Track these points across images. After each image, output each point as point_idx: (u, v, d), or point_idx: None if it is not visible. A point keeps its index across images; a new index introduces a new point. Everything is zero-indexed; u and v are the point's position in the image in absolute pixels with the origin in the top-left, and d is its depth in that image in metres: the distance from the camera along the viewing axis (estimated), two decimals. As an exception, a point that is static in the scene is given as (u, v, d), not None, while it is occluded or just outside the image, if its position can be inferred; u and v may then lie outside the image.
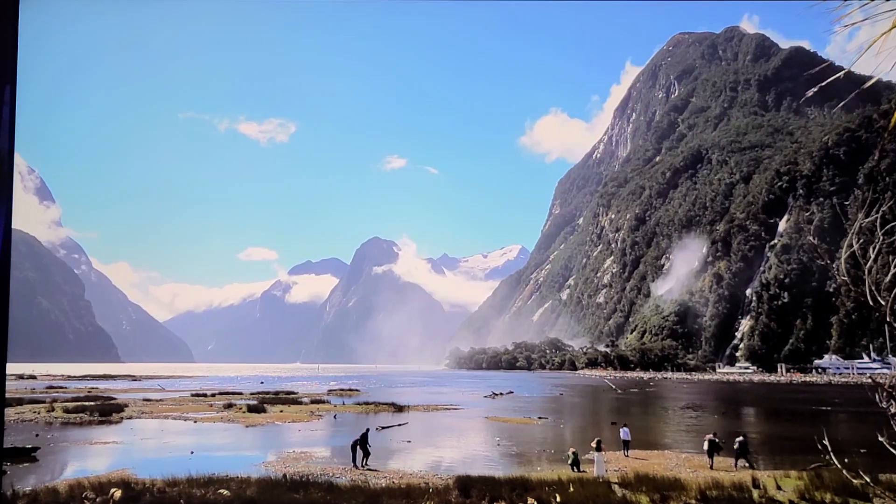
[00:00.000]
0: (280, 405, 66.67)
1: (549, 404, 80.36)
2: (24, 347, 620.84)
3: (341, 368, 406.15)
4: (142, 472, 26.45)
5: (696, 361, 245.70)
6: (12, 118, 4.03)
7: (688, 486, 22.92)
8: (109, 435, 43.07)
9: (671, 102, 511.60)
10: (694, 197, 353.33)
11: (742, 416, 67.85)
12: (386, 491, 22.59)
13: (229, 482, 23.07)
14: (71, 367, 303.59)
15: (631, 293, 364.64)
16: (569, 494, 21.44)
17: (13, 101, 4.00)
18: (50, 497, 20.69)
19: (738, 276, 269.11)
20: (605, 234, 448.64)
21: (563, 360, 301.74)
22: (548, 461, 32.28)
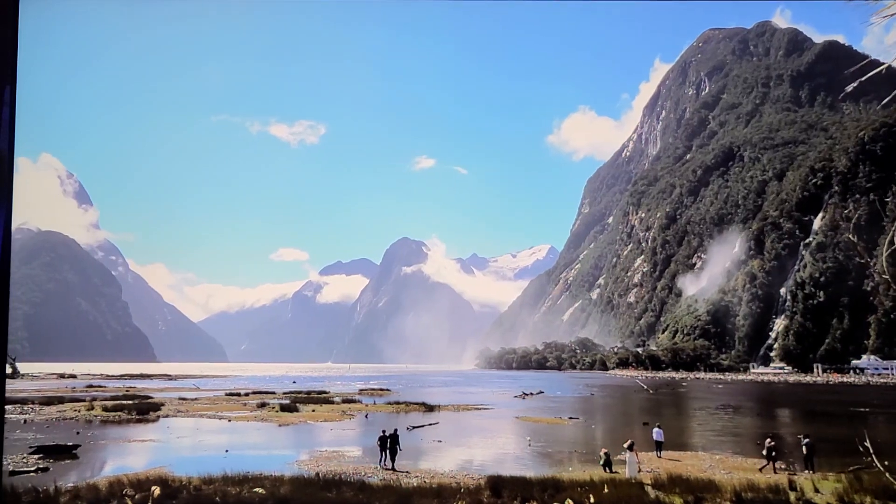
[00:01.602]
0: (312, 404, 67.29)
1: (579, 404, 79.93)
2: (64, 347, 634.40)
3: (372, 368, 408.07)
4: (178, 469, 26.95)
5: (730, 361, 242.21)
6: (12, 118, 4.04)
7: (722, 487, 22.64)
8: (146, 433, 43.90)
9: (702, 99, 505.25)
10: (726, 195, 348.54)
11: (777, 417, 66.82)
12: (417, 490, 22.71)
13: (263, 480, 23.39)
14: (109, 367, 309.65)
15: (662, 292, 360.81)
16: (602, 495, 21.32)
17: (13, 101, 4.02)
18: (91, 494, 21.13)
19: (771, 275, 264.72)
20: (635, 232, 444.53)
21: (594, 360, 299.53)
22: (579, 462, 32.15)
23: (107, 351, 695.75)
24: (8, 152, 4.03)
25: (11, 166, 4.07)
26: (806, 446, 28.68)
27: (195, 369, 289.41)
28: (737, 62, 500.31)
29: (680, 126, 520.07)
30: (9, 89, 3.99)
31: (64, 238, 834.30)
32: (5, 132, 3.98)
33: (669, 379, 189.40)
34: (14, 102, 4.04)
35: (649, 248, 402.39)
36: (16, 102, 4.07)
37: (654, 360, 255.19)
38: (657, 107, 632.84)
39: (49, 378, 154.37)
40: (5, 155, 4.00)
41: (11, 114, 4.02)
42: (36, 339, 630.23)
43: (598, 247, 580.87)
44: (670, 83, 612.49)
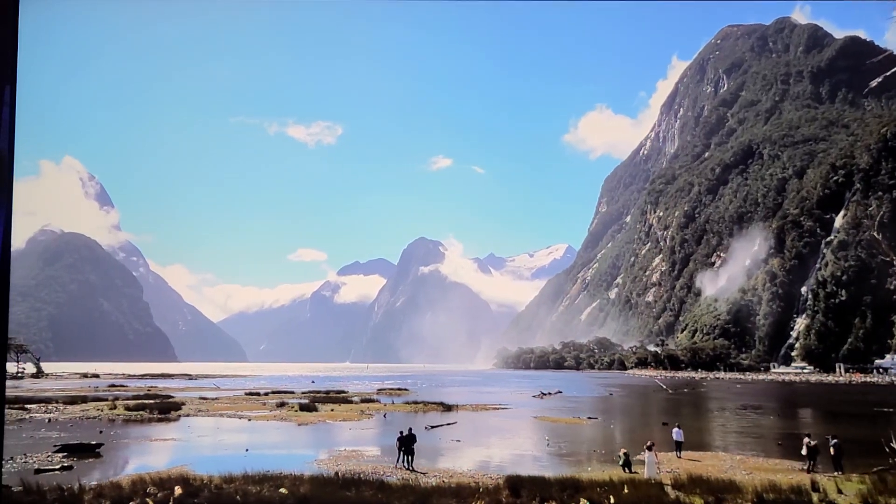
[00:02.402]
0: (331, 404, 67.71)
1: (598, 404, 79.72)
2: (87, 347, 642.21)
3: (390, 368, 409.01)
4: (199, 468, 27.22)
5: (750, 361, 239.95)
6: (12, 118, 4.04)
7: (743, 488, 22.47)
8: (168, 432, 44.41)
9: (720, 97, 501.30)
10: (745, 193, 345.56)
11: (800, 417, 66.22)
12: (436, 490, 22.77)
13: (283, 479, 23.56)
14: (131, 367, 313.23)
15: (681, 292, 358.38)
16: (622, 496, 21.24)
17: (13, 101, 4.03)
18: (114, 492, 21.37)
19: (792, 274, 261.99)
20: (653, 231, 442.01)
21: (612, 359, 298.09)
22: (598, 462, 32.08)
23: (128, 351, 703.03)
24: (8, 152, 4.04)
25: (11, 166, 4.07)
26: (834, 447, 28.37)
27: (215, 369, 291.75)
28: (756, 59, 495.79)
29: (698, 124, 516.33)
30: (9, 89, 3.99)
31: (86, 240, 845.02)
32: (5, 132, 3.99)
33: (689, 379, 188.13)
34: (14, 102, 4.05)
35: (668, 247, 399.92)
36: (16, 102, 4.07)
37: (672, 359, 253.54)
38: (675, 105, 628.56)
39: (72, 378, 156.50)
40: (5, 155, 4.01)
41: (11, 114, 4.03)
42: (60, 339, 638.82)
43: (616, 246, 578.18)
44: (688, 81, 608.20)
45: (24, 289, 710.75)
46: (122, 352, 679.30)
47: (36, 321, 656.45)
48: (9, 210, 3.97)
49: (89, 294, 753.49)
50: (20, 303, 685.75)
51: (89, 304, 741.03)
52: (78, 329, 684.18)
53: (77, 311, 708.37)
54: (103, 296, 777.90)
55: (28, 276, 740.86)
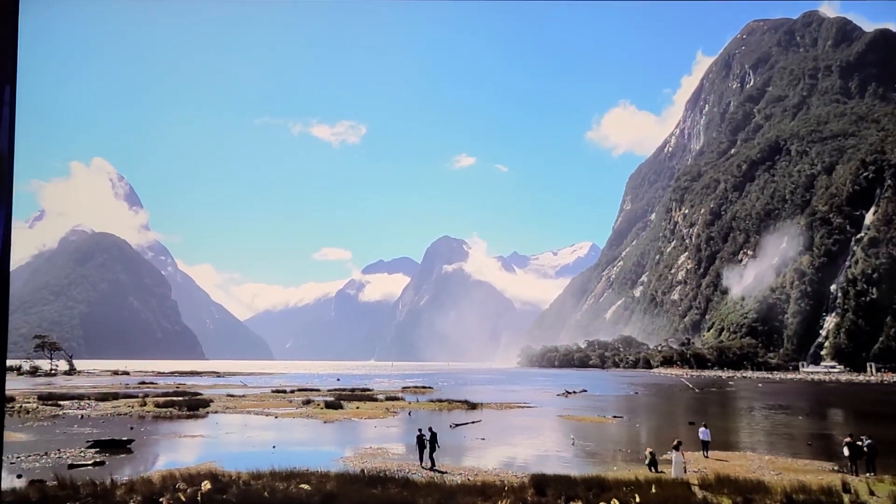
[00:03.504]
0: (356, 402, 68.07)
1: (623, 403, 79.30)
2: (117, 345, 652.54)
3: (414, 366, 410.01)
4: (227, 464, 27.61)
5: (778, 360, 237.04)
6: (12, 118, 4.04)
7: (772, 489, 22.21)
8: (196, 429, 45.05)
9: (746, 92, 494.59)
10: (772, 190, 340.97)
11: (830, 417, 65.35)
12: (461, 488, 22.85)
13: (310, 476, 23.77)
14: (160, 364, 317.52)
15: (707, 290, 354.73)
16: (648, 495, 21.15)
17: (13, 101, 4.02)
18: (145, 487, 21.73)
19: (821, 272, 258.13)
20: (678, 229, 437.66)
21: (638, 358, 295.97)
22: (624, 461, 31.96)
23: (157, 349, 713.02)
24: (8, 152, 4.04)
25: (11, 166, 4.10)
26: (868, 448, 28.00)
27: (242, 367, 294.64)
28: (782, 54, 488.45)
29: (724, 120, 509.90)
30: (9, 89, 3.97)
31: (116, 239, 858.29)
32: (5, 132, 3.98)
33: (716, 378, 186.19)
34: (14, 102, 4.03)
35: (693, 244, 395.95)
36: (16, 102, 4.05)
37: (699, 358, 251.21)
38: (700, 101, 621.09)
39: (104, 375, 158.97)
40: (5, 155, 4.01)
41: (11, 114, 4.02)
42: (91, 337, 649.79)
43: (641, 244, 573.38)
44: (713, 76, 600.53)
45: (57, 288, 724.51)
46: (151, 349, 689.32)
47: (68, 319, 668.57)
48: (9, 210, 4.04)
49: (119, 293, 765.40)
50: (53, 301, 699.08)
51: (119, 302, 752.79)
52: (108, 327, 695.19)
53: (107, 310, 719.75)
54: (133, 294, 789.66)
55: (60, 275, 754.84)
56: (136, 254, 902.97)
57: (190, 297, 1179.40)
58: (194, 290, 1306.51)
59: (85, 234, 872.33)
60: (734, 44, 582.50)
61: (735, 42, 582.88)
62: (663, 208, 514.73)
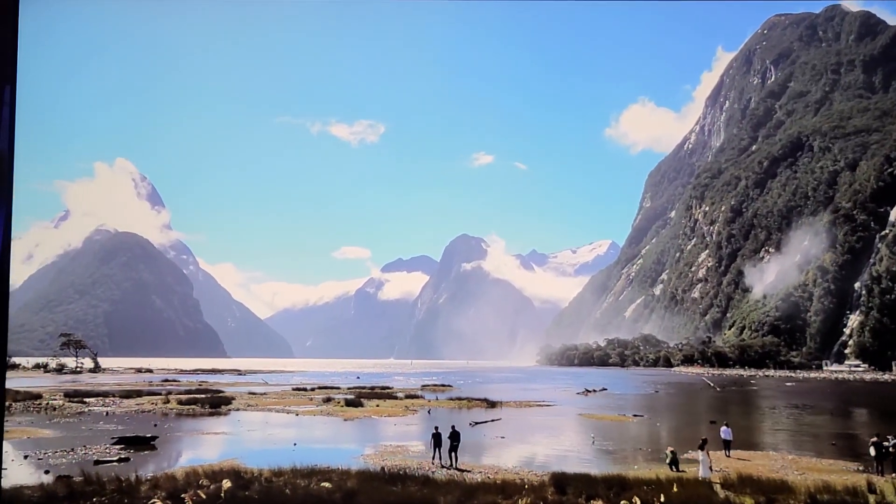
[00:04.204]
0: (376, 400, 68.34)
1: (644, 402, 78.93)
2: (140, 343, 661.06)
3: (433, 364, 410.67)
4: (249, 461, 27.91)
5: (801, 359, 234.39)
6: (12, 118, 4.04)
7: (796, 489, 21.94)
8: (219, 426, 45.53)
9: (767, 88, 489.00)
10: (794, 186, 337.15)
11: (854, 416, 64.60)
12: (481, 486, 22.89)
13: (331, 474, 23.92)
14: (182, 362, 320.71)
15: (728, 288, 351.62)
16: (670, 495, 21.06)
17: (13, 101, 4.03)
18: (169, 483, 21.99)
19: (844, 269, 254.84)
20: (698, 227, 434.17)
21: (658, 356, 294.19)
22: (644, 460, 31.87)
23: (180, 347, 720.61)
24: (8, 152, 4.03)
25: (11, 166, 4.08)
26: (894, 447, 27.70)
27: (263, 365, 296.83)
28: (804, 49, 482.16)
29: (745, 116, 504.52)
30: (9, 89, 3.99)
31: (139, 239, 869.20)
32: (5, 132, 3.99)
33: (737, 376, 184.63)
34: (14, 102, 4.04)
35: (714, 242, 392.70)
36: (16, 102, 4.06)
37: (720, 357, 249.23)
38: (720, 97, 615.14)
39: (127, 372, 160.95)
40: (5, 155, 4.01)
41: (11, 114, 4.03)
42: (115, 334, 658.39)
43: (661, 241, 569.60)
44: (734, 72, 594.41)
45: (82, 286, 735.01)
46: (174, 347, 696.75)
47: (93, 318, 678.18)
48: (9, 210, 4.01)
49: (142, 291, 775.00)
50: (77, 300, 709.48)
51: (142, 301, 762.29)
52: (132, 325, 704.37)
53: (131, 308, 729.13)
54: (155, 293, 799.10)
55: (85, 274, 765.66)
56: (158, 253, 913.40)
57: (211, 295, 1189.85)
58: (216, 288, 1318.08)
59: (109, 233, 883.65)
60: (755, 39, 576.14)
61: (756, 37, 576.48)
62: (683, 206, 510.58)
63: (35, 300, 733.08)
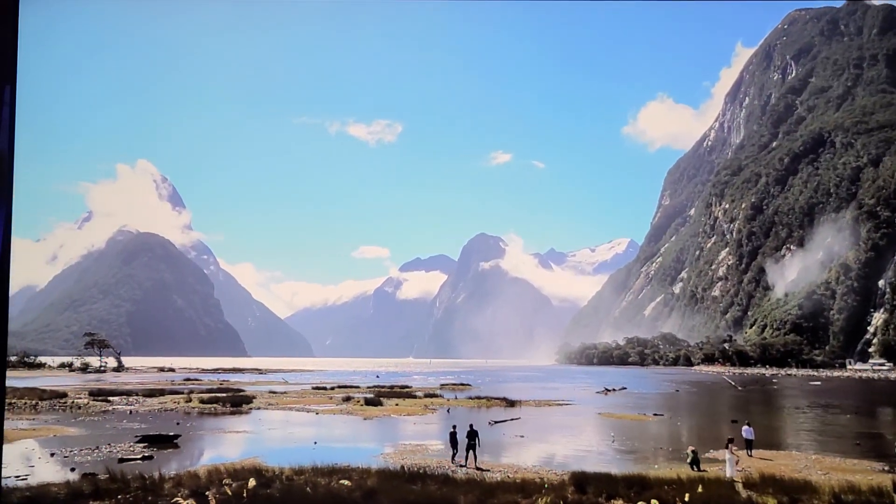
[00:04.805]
0: (395, 399, 68.38)
1: (664, 401, 78.44)
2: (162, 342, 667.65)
3: (452, 363, 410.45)
4: (270, 460, 28.09)
5: (824, 357, 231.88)
6: (12, 118, 4.05)
7: (819, 489, 21.58)
8: (240, 424, 45.92)
9: (788, 84, 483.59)
10: (816, 183, 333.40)
11: (879, 416, 63.82)
12: (501, 485, 22.87)
13: (351, 472, 24.01)
14: (203, 361, 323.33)
15: (749, 286, 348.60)
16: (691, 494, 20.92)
17: (13, 101, 4.04)
18: (192, 481, 22.19)
19: (868, 267, 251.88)
20: (718, 224, 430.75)
21: (678, 355, 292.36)
22: (665, 459, 31.70)
23: (201, 346, 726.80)
24: (8, 152, 4.03)
25: (11, 166, 4.07)
26: None
27: (283, 364, 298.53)
28: (826, 43, 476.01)
29: (765, 113, 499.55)
30: (9, 89, 4.00)
31: (160, 239, 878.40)
32: (5, 132, 4.00)
33: (759, 375, 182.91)
34: (14, 102, 4.04)
35: (734, 240, 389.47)
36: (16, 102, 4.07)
37: (741, 355, 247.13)
38: (740, 93, 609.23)
39: (150, 371, 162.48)
40: (5, 155, 4.01)
41: (11, 114, 4.03)
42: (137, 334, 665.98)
43: (680, 239, 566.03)
44: (754, 68, 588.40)
45: (105, 286, 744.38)
46: (195, 347, 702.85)
47: (116, 317, 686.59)
48: (9, 209, 3.99)
49: (164, 291, 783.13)
50: (101, 300, 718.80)
51: (164, 300, 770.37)
52: (154, 325, 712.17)
53: (153, 308, 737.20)
54: (177, 293, 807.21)
55: (108, 274, 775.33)
56: (179, 253, 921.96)
57: (232, 295, 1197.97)
58: (236, 288, 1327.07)
59: (131, 234, 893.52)
60: (775, 34, 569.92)
61: (776, 33, 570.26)
62: (703, 203, 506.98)
63: (60, 300, 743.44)
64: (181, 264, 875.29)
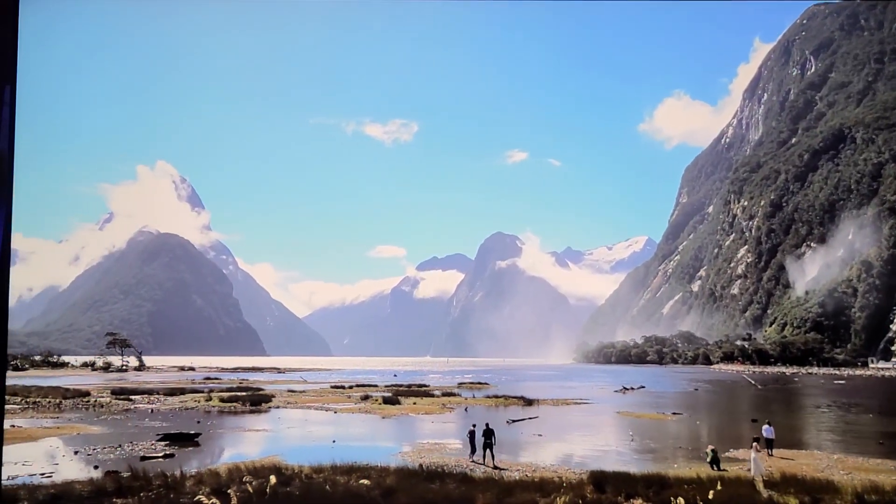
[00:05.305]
0: (413, 397, 68.72)
1: (683, 400, 77.94)
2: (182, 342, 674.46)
3: (469, 362, 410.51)
4: (290, 458, 28.33)
5: (846, 356, 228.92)
6: (12, 118, 4.04)
7: (842, 489, 21.34)
8: (259, 423, 46.33)
9: (807, 79, 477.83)
10: (836, 180, 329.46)
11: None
12: (519, 484, 22.92)
13: (370, 471, 24.17)
14: (223, 360, 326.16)
15: (768, 284, 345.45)
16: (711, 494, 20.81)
17: (13, 101, 4.03)
18: (213, 479, 22.45)
19: (890, 264, 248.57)
20: (737, 222, 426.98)
21: (697, 354, 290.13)
22: (684, 458, 31.58)
23: (220, 345, 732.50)
24: (8, 152, 4.02)
25: (11, 166, 4.05)
26: None
27: (301, 363, 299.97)
28: (846, 38, 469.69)
29: (784, 109, 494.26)
30: (9, 89, 3.99)
31: (180, 239, 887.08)
32: (5, 132, 3.99)
33: (779, 374, 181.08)
34: (14, 102, 4.04)
35: (753, 237, 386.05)
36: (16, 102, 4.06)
37: (761, 354, 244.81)
38: (758, 89, 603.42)
39: (171, 371, 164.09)
40: (5, 155, 4.00)
41: (11, 114, 4.02)
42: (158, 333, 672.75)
43: (698, 237, 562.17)
44: (772, 64, 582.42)
45: (126, 287, 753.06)
46: (214, 346, 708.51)
47: (137, 317, 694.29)
48: (9, 209, 3.96)
49: (183, 291, 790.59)
50: (122, 300, 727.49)
51: (184, 300, 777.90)
52: (174, 324, 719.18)
53: (173, 308, 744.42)
54: (197, 293, 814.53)
55: (129, 274, 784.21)
56: (198, 253, 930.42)
57: (250, 295, 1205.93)
58: (254, 288, 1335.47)
59: (151, 234, 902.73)
60: (793, 29, 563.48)
61: (795, 28, 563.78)
62: (721, 201, 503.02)
63: (82, 300, 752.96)
64: (200, 264, 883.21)
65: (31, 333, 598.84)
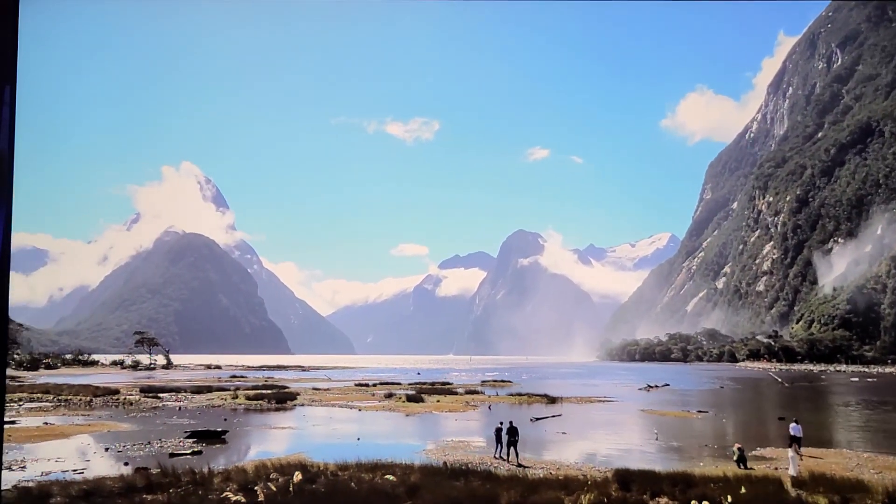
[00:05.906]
0: (437, 395, 68.97)
1: (708, 397, 77.41)
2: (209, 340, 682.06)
3: (492, 360, 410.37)
4: (315, 455, 28.59)
5: (875, 353, 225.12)
6: (12, 118, 4.05)
7: (872, 488, 21.07)
8: (285, 421, 46.86)
9: (833, 73, 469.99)
10: (864, 174, 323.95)
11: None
12: (544, 482, 22.99)
13: (394, 468, 24.37)
14: (248, 358, 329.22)
15: (795, 280, 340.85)
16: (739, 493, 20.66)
17: (13, 101, 4.03)
18: (240, 476, 22.81)
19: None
20: (762, 218, 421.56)
21: (722, 351, 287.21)
22: (710, 457, 31.41)
23: (245, 343, 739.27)
24: (8, 152, 4.03)
25: (11, 166, 4.08)
26: None
27: (326, 361, 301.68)
28: (873, 30, 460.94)
29: (809, 103, 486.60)
30: (9, 89, 4.00)
31: (205, 239, 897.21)
32: (5, 132, 4.00)
33: (806, 372, 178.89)
34: (14, 102, 4.05)
35: (779, 233, 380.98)
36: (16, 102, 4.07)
37: (787, 351, 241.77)
38: (783, 83, 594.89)
39: (198, 369, 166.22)
40: (5, 155, 4.01)
41: (11, 114, 4.04)
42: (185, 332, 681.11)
43: (723, 234, 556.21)
44: (797, 57, 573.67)
45: (153, 286, 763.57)
46: (240, 344, 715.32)
47: (164, 316, 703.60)
48: (9, 209, 3.97)
49: (209, 290, 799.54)
50: (150, 299, 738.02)
51: (210, 299, 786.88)
52: (200, 323, 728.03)
53: (199, 307, 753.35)
54: (222, 292, 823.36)
55: (156, 274, 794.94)
56: (223, 253, 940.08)
57: (275, 293, 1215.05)
58: (279, 287, 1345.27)
59: (177, 234, 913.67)
60: (819, 22, 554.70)
61: (820, 20, 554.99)
62: (746, 196, 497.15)
63: (111, 300, 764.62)
64: (225, 264, 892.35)
65: (62, 332, 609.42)
